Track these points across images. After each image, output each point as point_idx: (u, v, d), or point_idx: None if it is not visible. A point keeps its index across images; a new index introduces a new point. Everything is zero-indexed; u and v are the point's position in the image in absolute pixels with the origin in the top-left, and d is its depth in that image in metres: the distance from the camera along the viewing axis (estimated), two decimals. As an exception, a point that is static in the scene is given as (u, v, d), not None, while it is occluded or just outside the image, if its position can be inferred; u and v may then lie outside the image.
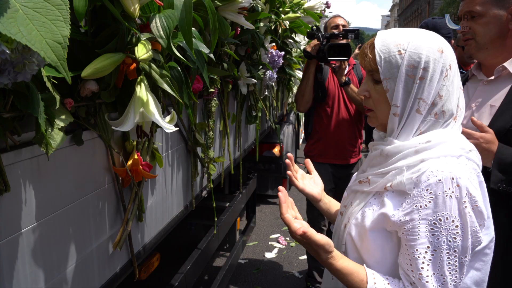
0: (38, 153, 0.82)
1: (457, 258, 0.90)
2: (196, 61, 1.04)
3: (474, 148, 0.99)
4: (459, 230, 0.89)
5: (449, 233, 0.89)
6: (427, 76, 0.94)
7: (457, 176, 0.89)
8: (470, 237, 0.90)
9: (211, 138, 1.73)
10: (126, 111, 0.92)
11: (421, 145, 0.94)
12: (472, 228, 0.91)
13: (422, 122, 0.97)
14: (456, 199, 0.89)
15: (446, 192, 0.89)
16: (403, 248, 0.94)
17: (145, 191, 1.27)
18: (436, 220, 0.89)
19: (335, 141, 2.87)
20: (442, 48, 0.96)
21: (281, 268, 3.56)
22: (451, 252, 0.90)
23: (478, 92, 1.55)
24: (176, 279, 1.71)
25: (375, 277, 0.97)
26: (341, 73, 2.69)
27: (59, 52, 0.52)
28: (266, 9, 1.92)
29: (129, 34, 0.92)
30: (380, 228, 0.97)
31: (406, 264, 0.93)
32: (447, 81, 0.96)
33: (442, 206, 0.89)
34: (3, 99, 0.68)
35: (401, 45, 0.96)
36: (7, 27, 0.48)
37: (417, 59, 0.94)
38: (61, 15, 0.54)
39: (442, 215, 0.89)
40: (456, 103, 0.99)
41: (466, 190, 0.89)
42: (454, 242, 0.89)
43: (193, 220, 2.49)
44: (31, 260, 0.82)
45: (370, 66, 1.01)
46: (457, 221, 0.89)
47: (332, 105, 2.85)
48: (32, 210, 0.82)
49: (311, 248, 1.01)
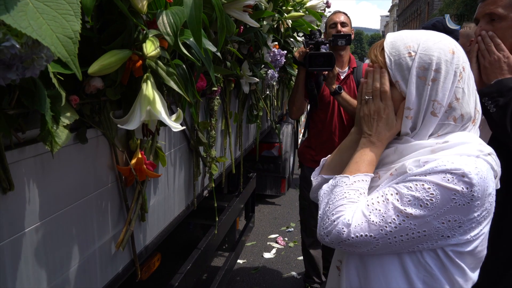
0: (42, 151, 0.80)
1: (408, 220, 0.88)
2: (203, 59, 1.02)
3: (493, 152, 0.97)
4: (429, 203, 0.87)
5: (421, 199, 0.87)
6: (440, 77, 0.93)
7: (467, 170, 0.86)
8: (436, 224, 0.88)
9: (213, 137, 1.71)
10: (132, 109, 0.90)
11: (438, 145, 0.93)
12: (446, 217, 0.87)
13: (440, 126, 0.96)
14: (449, 184, 0.86)
15: (446, 176, 0.87)
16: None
17: (148, 190, 1.26)
18: (419, 184, 0.88)
19: (327, 149, 2.70)
20: (454, 50, 0.95)
21: (279, 268, 3.55)
22: (407, 211, 0.88)
23: None
24: (176, 279, 1.69)
25: (362, 179, 0.98)
26: (330, 81, 2.52)
27: (69, 47, 0.51)
28: (270, 7, 1.91)
29: (136, 31, 0.91)
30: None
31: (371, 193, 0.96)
32: (462, 83, 0.94)
33: (434, 182, 0.87)
34: (8, 95, 0.67)
35: (411, 47, 0.95)
36: (17, 21, 0.47)
37: (428, 60, 0.93)
38: (71, 9, 0.52)
39: (428, 183, 0.87)
40: (473, 105, 0.97)
41: (467, 185, 0.86)
42: (416, 208, 0.87)
43: (192, 220, 2.47)
44: (34, 260, 0.81)
45: (381, 65, 1.00)
46: (435, 197, 0.86)
47: (326, 112, 2.75)
48: (36, 209, 0.80)
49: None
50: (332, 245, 0.96)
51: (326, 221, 0.95)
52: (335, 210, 0.95)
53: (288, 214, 4.71)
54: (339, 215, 0.93)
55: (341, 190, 0.98)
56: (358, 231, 0.90)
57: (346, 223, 0.92)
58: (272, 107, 3.01)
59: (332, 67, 2.44)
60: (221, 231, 2.33)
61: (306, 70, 2.55)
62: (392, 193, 0.91)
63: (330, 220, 0.94)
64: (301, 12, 2.32)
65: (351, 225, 0.91)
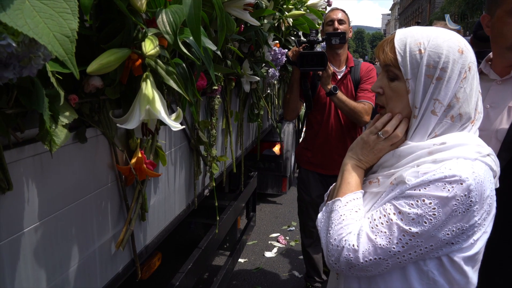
0: (41, 150, 0.80)
1: (415, 239, 0.88)
2: (203, 58, 1.02)
3: (492, 152, 0.96)
4: (432, 219, 0.87)
5: (424, 215, 0.87)
6: (445, 76, 0.92)
7: (464, 176, 0.86)
8: (443, 234, 0.88)
9: (213, 136, 1.70)
10: (131, 109, 0.89)
11: (435, 146, 0.92)
12: (451, 226, 0.88)
13: (438, 124, 0.95)
14: (449, 193, 0.86)
15: (445, 185, 0.86)
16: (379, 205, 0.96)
17: (148, 190, 1.25)
18: (419, 199, 0.88)
19: (322, 151, 2.73)
20: (463, 49, 0.93)
21: (280, 267, 3.55)
22: (413, 230, 0.88)
23: (492, 92, 1.49)
24: (177, 279, 1.69)
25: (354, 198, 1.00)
26: (324, 82, 2.44)
27: (67, 46, 0.50)
28: (270, 5, 1.90)
29: (135, 30, 0.90)
30: None
31: (371, 212, 0.96)
32: (465, 83, 0.93)
33: (433, 193, 0.87)
34: (6, 95, 0.66)
35: (421, 44, 0.94)
36: (13, 19, 0.46)
37: (436, 58, 0.92)
38: (68, 7, 0.52)
39: (428, 198, 0.87)
40: (474, 106, 0.96)
41: (466, 192, 0.86)
42: (421, 225, 0.87)
43: (192, 219, 2.46)
44: (33, 260, 0.80)
45: (387, 61, 0.98)
46: (437, 211, 0.87)
47: (323, 113, 2.69)
48: (35, 209, 0.80)
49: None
50: (344, 272, 0.96)
51: (331, 248, 0.96)
52: (337, 235, 0.95)
53: (289, 213, 4.71)
54: (343, 240, 0.94)
55: (337, 214, 0.98)
56: (366, 255, 0.91)
57: (352, 249, 0.92)
58: (273, 106, 3.00)
59: (325, 67, 2.38)
60: (222, 230, 2.33)
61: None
62: (394, 212, 0.91)
63: (334, 247, 0.95)
64: (302, 11, 2.31)
65: (358, 251, 0.91)
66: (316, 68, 2.39)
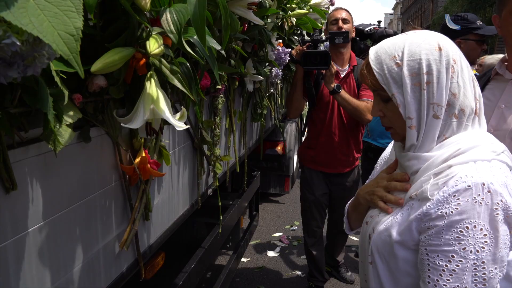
0: (45, 150, 0.79)
1: (486, 270, 0.82)
2: (207, 57, 1.01)
3: (506, 148, 0.94)
4: (487, 239, 0.82)
5: (477, 242, 0.82)
6: (433, 79, 0.89)
7: (489, 181, 0.83)
8: (503, 248, 0.83)
9: (217, 135, 1.70)
10: (136, 108, 0.89)
11: (449, 153, 0.89)
12: (504, 237, 0.83)
13: (444, 126, 0.92)
14: (487, 206, 0.82)
15: (475, 198, 0.82)
16: (423, 254, 0.89)
17: (152, 189, 1.25)
18: (463, 228, 0.83)
19: (326, 150, 2.73)
20: (440, 45, 0.90)
21: (283, 267, 3.54)
22: (478, 263, 0.82)
23: (508, 92, 1.44)
24: (180, 278, 1.68)
25: None
26: (328, 80, 2.46)
27: (71, 44, 0.50)
28: (274, 5, 1.89)
29: (139, 28, 0.90)
30: (406, 240, 0.92)
31: (426, 272, 0.88)
32: (456, 76, 0.90)
33: (470, 213, 0.82)
34: (10, 94, 0.66)
35: (396, 57, 0.91)
36: (17, 18, 0.46)
37: (416, 65, 0.89)
38: (73, 6, 0.51)
39: (470, 222, 0.82)
40: (472, 95, 0.93)
41: (499, 196, 0.82)
42: (482, 252, 0.82)
43: (195, 218, 2.46)
44: (37, 260, 0.80)
45: (373, 86, 0.96)
46: (485, 230, 0.82)
47: (326, 112, 2.69)
48: (39, 209, 0.79)
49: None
50: None
51: None
52: None
53: (292, 213, 4.70)
54: None
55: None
56: None
57: None
58: (276, 105, 2.99)
59: (328, 66, 2.39)
60: (225, 230, 2.32)
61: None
62: (449, 259, 0.84)
63: None
64: (305, 10, 2.30)
65: None
66: (320, 67, 2.40)
